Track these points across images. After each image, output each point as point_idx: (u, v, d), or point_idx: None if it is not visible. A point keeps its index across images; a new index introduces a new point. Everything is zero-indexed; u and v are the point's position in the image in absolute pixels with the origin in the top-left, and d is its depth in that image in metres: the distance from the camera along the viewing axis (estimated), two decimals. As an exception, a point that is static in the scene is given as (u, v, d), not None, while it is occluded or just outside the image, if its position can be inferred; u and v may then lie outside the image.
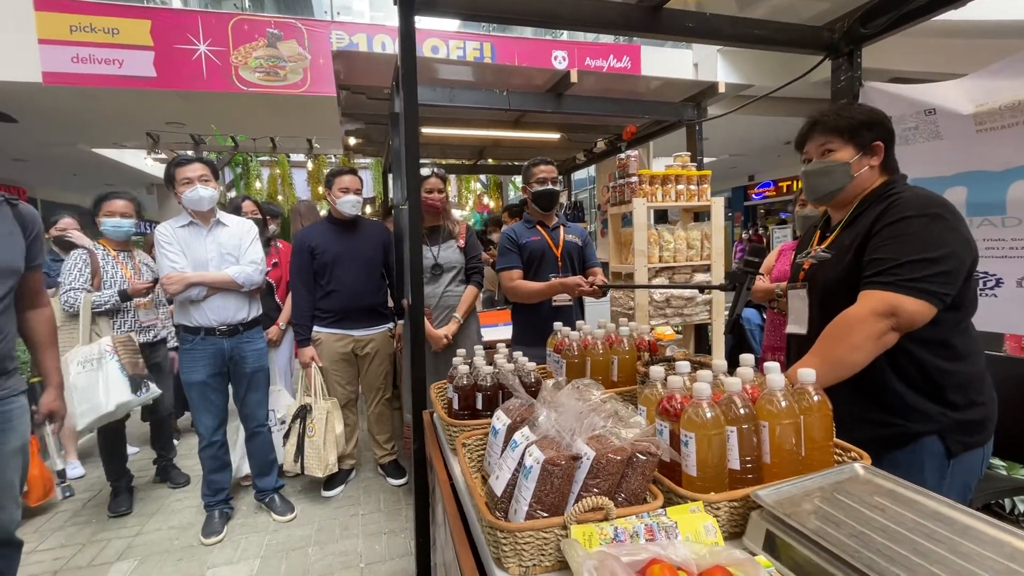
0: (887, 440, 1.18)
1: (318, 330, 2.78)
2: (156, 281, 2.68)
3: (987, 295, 1.77)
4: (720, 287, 1.96)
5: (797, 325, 1.37)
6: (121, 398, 2.39)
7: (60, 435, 3.29)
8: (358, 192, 2.72)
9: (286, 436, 2.76)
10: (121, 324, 2.71)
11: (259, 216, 3.18)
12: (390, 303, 2.98)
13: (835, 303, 1.22)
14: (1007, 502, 2.04)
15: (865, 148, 1.25)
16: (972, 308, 1.21)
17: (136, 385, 2.44)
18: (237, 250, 2.47)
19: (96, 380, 2.39)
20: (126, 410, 2.52)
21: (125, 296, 2.61)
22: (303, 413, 2.75)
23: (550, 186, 2.36)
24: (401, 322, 2.90)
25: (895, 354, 1.16)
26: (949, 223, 1.13)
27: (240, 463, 2.84)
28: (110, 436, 2.79)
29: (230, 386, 2.59)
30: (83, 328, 2.53)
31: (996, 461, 2.14)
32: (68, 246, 3.11)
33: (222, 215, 2.51)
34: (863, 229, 1.20)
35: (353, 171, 2.78)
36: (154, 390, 2.53)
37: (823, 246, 1.32)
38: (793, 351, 1.43)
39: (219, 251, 2.43)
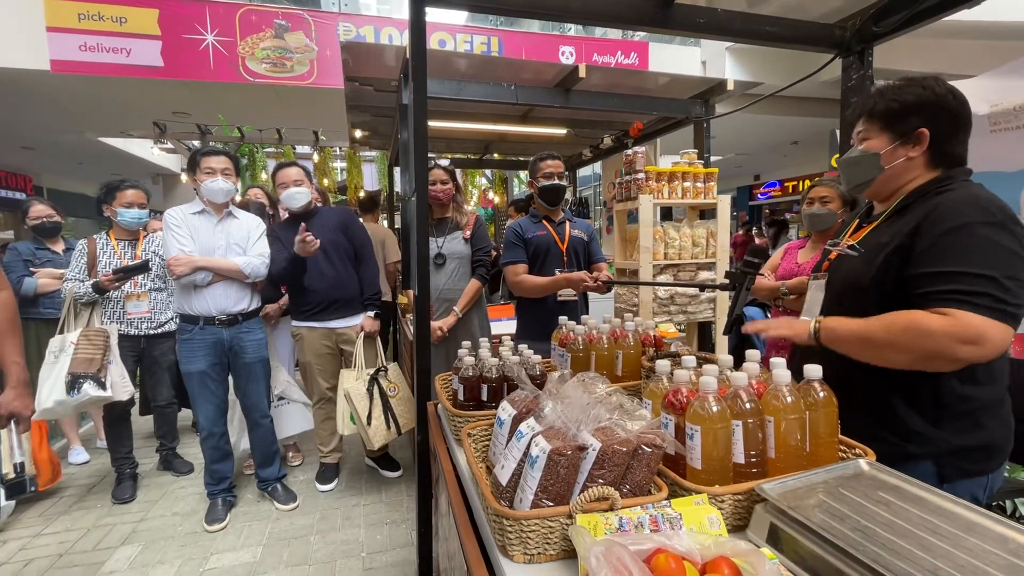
0: (881, 456, 1.09)
1: (297, 325, 2.77)
2: (126, 272, 2.62)
3: None
4: (720, 287, 1.97)
5: (808, 315, 1.31)
6: (59, 396, 2.37)
7: (63, 426, 3.33)
8: (298, 183, 2.62)
9: (369, 416, 2.59)
10: (111, 315, 2.73)
11: (263, 202, 3.19)
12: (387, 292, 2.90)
13: (852, 301, 1.15)
14: (1008, 504, 2.05)
15: (904, 137, 1.11)
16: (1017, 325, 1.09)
17: (71, 385, 2.38)
18: (245, 242, 2.49)
19: (50, 374, 2.41)
20: (70, 409, 2.46)
21: (98, 288, 2.58)
22: (375, 383, 2.64)
23: (557, 181, 2.35)
24: (369, 314, 2.77)
25: (911, 374, 1.06)
26: (1016, 234, 1.00)
27: (239, 439, 2.83)
28: (116, 423, 2.81)
29: (230, 377, 2.60)
30: (63, 318, 2.56)
31: (998, 463, 2.14)
32: (48, 233, 3.12)
33: (233, 208, 2.55)
34: (905, 230, 1.07)
35: (294, 164, 2.71)
36: (90, 392, 2.40)
37: (855, 239, 1.21)
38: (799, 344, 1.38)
39: (227, 241, 2.45)
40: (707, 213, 3.05)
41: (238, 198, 3.03)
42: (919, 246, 1.04)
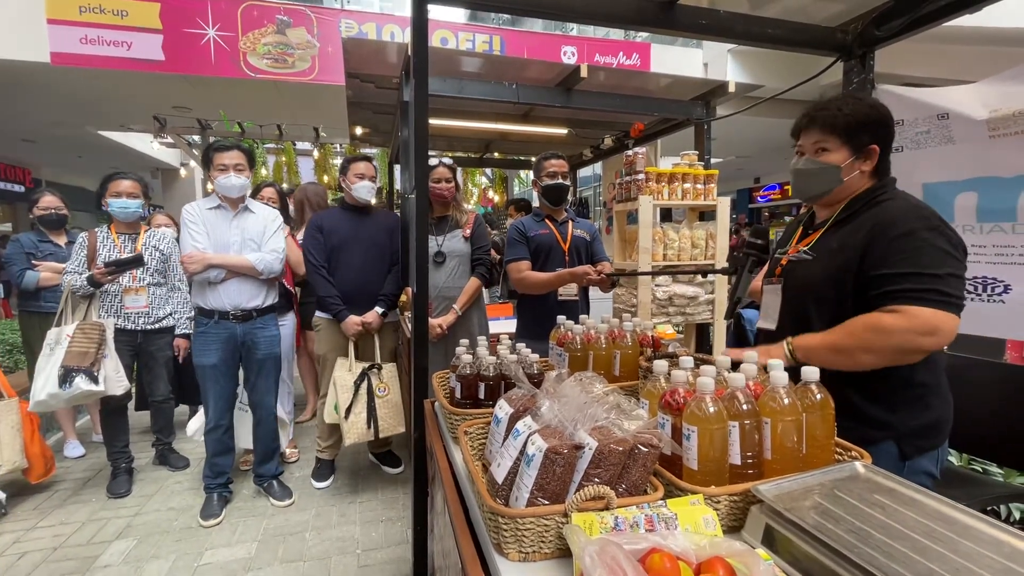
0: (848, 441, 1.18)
1: (320, 315, 2.78)
2: (119, 265, 2.59)
3: (995, 301, 1.77)
4: (721, 271, 1.99)
5: (767, 320, 1.37)
6: (52, 389, 2.38)
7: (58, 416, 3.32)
8: (373, 179, 2.72)
9: (348, 410, 2.60)
10: (108, 309, 2.72)
11: (276, 204, 3.16)
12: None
13: (805, 304, 1.23)
14: (1003, 508, 2.05)
15: (860, 151, 1.21)
16: None
17: (63, 378, 2.38)
18: (260, 237, 2.50)
19: (45, 366, 2.42)
20: (62, 402, 2.46)
21: (93, 281, 2.56)
22: (365, 378, 2.66)
23: (560, 180, 2.36)
24: (378, 310, 2.75)
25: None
26: (950, 237, 1.13)
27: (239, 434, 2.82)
28: (112, 417, 2.81)
29: (241, 372, 2.60)
30: (60, 310, 2.55)
31: (993, 468, 2.14)
32: (52, 224, 3.11)
33: (250, 202, 2.55)
34: (857, 237, 1.18)
35: (368, 158, 2.79)
36: (82, 386, 2.40)
37: (805, 245, 1.31)
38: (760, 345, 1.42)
39: (242, 236, 2.47)
40: (707, 215, 3.04)
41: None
42: (874, 251, 1.15)
